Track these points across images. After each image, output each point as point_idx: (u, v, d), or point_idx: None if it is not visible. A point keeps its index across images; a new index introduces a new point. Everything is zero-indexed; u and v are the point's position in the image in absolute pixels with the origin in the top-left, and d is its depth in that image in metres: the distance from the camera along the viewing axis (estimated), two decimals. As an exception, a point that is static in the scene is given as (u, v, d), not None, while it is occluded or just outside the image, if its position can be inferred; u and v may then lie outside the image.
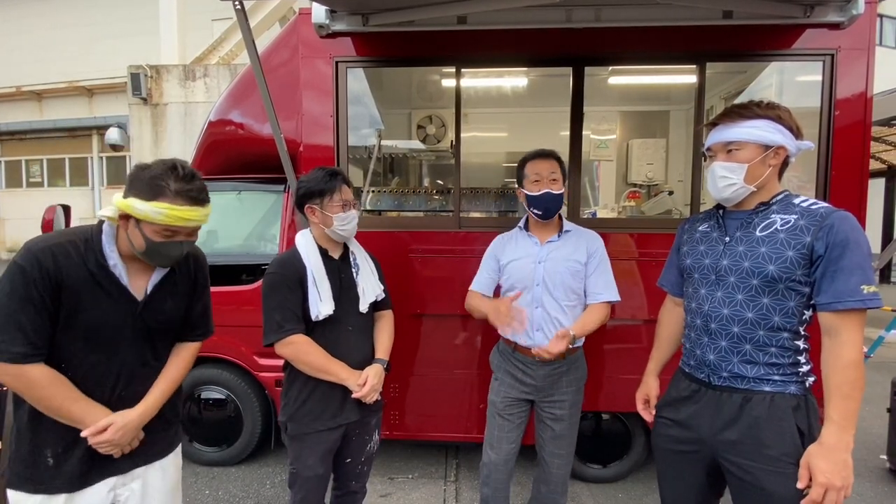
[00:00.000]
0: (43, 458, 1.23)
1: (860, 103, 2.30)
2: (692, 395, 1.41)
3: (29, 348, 1.15)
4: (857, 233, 1.20)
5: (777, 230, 1.27)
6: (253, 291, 2.77)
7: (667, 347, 1.63)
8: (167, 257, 1.28)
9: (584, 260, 1.89)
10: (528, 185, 1.87)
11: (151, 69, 6.46)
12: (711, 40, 2.33)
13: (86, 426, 1.22)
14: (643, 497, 2.62)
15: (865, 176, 2.35)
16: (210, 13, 12.46)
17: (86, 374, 1.25)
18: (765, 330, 1.28)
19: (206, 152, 3.01)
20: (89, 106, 14.83)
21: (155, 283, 1.32)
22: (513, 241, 1.99)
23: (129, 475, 1.34)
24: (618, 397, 2.53)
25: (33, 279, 1.15)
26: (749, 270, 1.28)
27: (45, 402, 1.19)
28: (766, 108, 1.29)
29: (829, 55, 2.29)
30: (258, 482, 2.79)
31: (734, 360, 1.32)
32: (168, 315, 1.36)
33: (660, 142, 3.86)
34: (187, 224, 1.24)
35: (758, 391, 1.29)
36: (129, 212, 1.20)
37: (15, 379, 1.17)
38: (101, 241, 1.24)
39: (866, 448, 3.17)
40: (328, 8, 2.30)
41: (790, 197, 1.32)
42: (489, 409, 1.99)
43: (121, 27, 14.86)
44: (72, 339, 1.21)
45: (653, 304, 2.43)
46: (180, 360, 1.43)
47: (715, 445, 1.34)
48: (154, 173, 1.21)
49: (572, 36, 2.34)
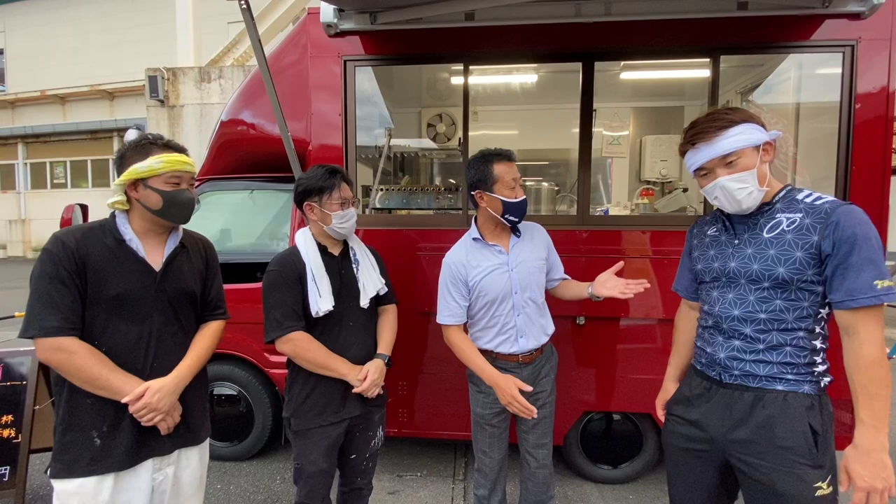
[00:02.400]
0: (90, 440, 1.31)
1: (882, 96, 2.22)
2: (703, 392, 1.39)
3: (63, 322, 1.25)
4: (864, 226, 1.16)
5: (784, 231, 1.24)
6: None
7: (685, 352, 1.60)
8: (181, 205, 1.40)
9: (545, 255, 1.89)
10: (504, 190, 1.74)
11: (168, 72, 6.59)
12: (726, 33, 2.28)
13: (124, 395, 1.30)
14: (654, 500, 2.57)
15: (888, 172, 2.27)
16: (226, 17, 12.71)
17: (118, 344, 1.33)
18: (778, 330, 1.26)
19: (219, 152, 3.05)
20: (110, 108, 15.22)
21: (169, 253, 1.43)
22: (474, 255, 1.82)
23: (167, 458, 1.42)
24: (629, 398, 2.49)
25: (60, 259, 1.27)
26: (759, 273, 1.26)
27: (85, 372, 1.27)
28: (735, 112, 1.28)
29: (848, 46, 2.22)
30: (268, 477, 2.82)
31: (747, 358, 1.29)
32: (185, 285, 1.46)
33: (673, 138, 3.80)
34: (184, 168, 1.39)
35: (770, 389, 1.26)
36: (135, 175, 1.34)
37: (54, 352, 1.26)
38: (116, 222, 1.38)
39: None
40: (336, 7, 2.31)
41: (793, 192, 1.29)
42: (475, 421, 1.93)
43: (140, 32, 15.23)
44: (101, 313, 1.32)
45: (667, 303, 2.39)
46: (206, 335, 1.53)
47: (726, 445, 1.32)
48: (135, 142, 1.39)
49: (582, 31, 2.31)
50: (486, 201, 1.78)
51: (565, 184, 4.13)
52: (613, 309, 2.43)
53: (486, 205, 1.78)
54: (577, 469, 2.72)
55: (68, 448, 1.30)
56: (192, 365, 1.44)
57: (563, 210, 3.55)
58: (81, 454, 1.30)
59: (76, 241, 1.30)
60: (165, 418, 1.37)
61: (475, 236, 1.85)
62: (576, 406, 2.54)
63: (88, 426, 1.31)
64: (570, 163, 4.14)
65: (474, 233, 1.86)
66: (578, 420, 2.61)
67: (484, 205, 1.79)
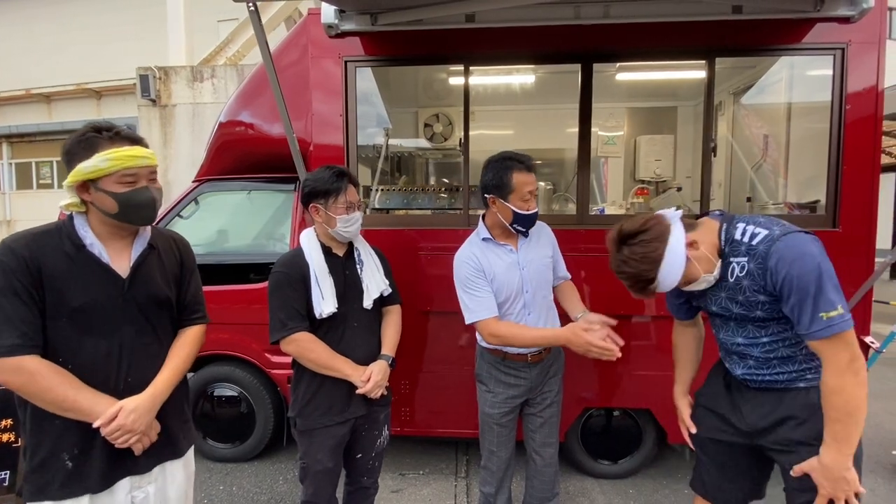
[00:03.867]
0: (61, 463, 1.20)
1: (871, 97, 2.29)
2: (730, 386, 1.46)
3: (21, 339, 1.13)
4: (797, 263, 1.17)
5: (739, 277, 1.30)
6: (263, 290, 2.78)
7: (689, 367, 1.66)
8: (141, 207, 1.24)
9: (550, 252, 1.92)
10: (518, 202, 1.72)
11: (160, 71, 6.51)
12: (721, 35, 2.33)
13: (96, 416, 1.18)
14: (654, 493, 2.62)
15: (877, 171, 2.34)
16: (216, 14, 12.57)
17: (86, 362, 1.21)
18: (785, 346, 1.32)
19: (217, 153, 3.04)
20: (97, 108, 14.97)
21: (137, 257, 1.29)
22: (487, 253, 1.82)
23: (146, 477, 1.32)
24: (629, 394, 2.53)
25: (12, 269, 1.13)
26: (740, 315, 1.34)
27: (50, 394, 1.15)
28: (639, 244, 1.27)
29: (839, 49, 2.28)
30: (271, 478, 2.82)
31: (764, 372, 1.36)
32: (157, 290, 1.32)
33: (668, 138, 3.85)
34: (138, 163, 1.21)
35: (794, 388, 1.33)
36: (81, 176, 1.17)
37: (14, 373, 1.13)
38: (74, 225, 1.23)
39: (879, 444, 3.15)
40: (337, 8, 2.31)
41: (731, 231, 1.31)
42: (483, 421, 1.93)
43: (128, 29, 14.98)
44: (63, 327, 1.19)
45: (661, 299, 2.43)
46: (185, 343, 1.40)
47: (756, 436, 1.38)
48: (78, 138, 1.20)
49: (581, 32, 2.34)
50: (497, 207, 1.77)
51: (560, 183, 4.17)
52: (610, 307, 2.47)
53: (497, 210, 1.78)
54: (578, 465, 2.76)
55: (38, 470, 1.20)
56: (169, 378, 1.32)
57: (557, 209, 3.58)
58: (53, 477, 1.20)
59: (28, 247, 1.16)
60: (141, 438, 1.25)
61: (485, 236, 1.84)
62: (577, 403, 2.58)
63: (58, 449, 1.20)
64: (565, 162, 4.18)
65: (484, 232, 1.85)
66: (579, 417, 2.65)
67: (495, 210, 1.79)
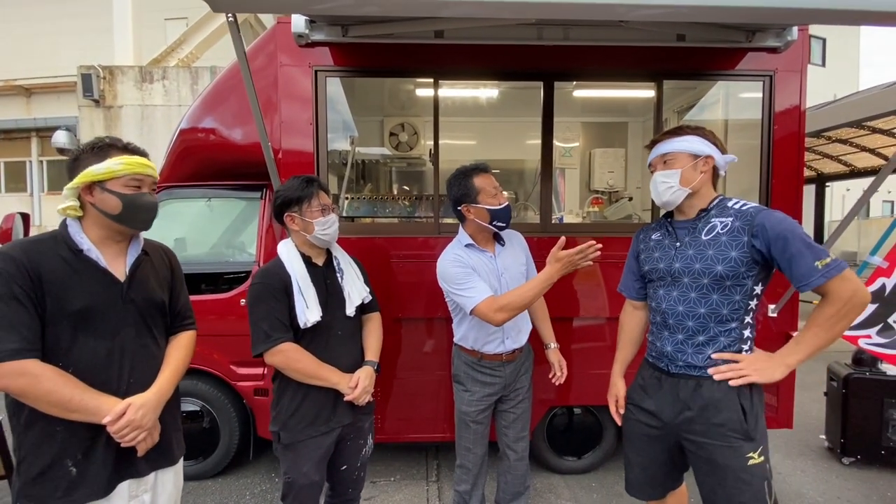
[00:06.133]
0: (64, 470, 1.21)
1: (795, 118, 2.58)
2: (655, 382, 1.59)
3: (22, 343, 1.15)
4: (787, 222, 1.37)
5: (719, 233, 1.45)
6: (228, 300, 2.73)
7: (630, 349, 1.79)
8: (143, 209, 1.32)
9: (524, 259, 2.03)
10: (488, 200, 1.85)
11: (104, 70, 6.16)
12: (668, 60, 2.55)
13: (102, 415, 1.21)
14: (615, 485, 2.78)
15: (801, 182, 2.64)
16: (162, 12, 12.01)
17: (88, 363, 1.24)
18: (715, 322, 1.46)
19: (178, 159, 2.94)
20: (27, 106, 13.81)
21: (132, 261, 1.35)
22: (471, 255, 1.90)
23: (143, 484, 1.35)
24: (588, 392, 2.69)
25: (11, 275, 1.16)
26: (700, 271, 1.46)
27: (55, 395, 1.16)
28: (694, 128, 1.51)
29: (768, 76, 2.56)
30: (237, 494, 2.74)
31: (689, 350, 1.50)
32: (153, 294, 1.38)
33: (619, 151, 4.11)
34: (146, 171, 1.31)
35: (706, 378, 1.47)
36: (91, 178, 1.24)
37: (17, 377, 1.14)
38: (69, 231, 1.27)
39: (807, 430, 3.50)
40: (308, 18, 2.33)
41: (725, 200, 1.51)
42: (460, 419, 2.01)
43: (61, 24, 13.96)
44: (64, 331, 1.21)
45: (616, 303, 2.60)
46: (179, 346, 1.46)
47: (676, 427, 1.52)
48: (93, 144, 1.30)
49: (544, 53, 2.49)
50: (473, 213, 1.87)
51: (520, 193, 4.34)
52: (568, 309, 2.63)
53: (474, 216, 1.87)
54: (545, 463, 2.88)
55: (39, 482, 1.19)
56: (171, 377, 1.38)
57: (517, 217, 3.73)
58: (56, 486, 1.20)
59: (26, 254, 1.19)
60: (146, 438, 1.29)
61: (468, 242, 1.92)
62: (542, 404, 2.69)
63: (62, 455, 1.21)
64: (525, 172, 4.36)
65: (466, 239, 1.93)
66: (545, 416, 2.77)
67: (472, 217, 1.88)
